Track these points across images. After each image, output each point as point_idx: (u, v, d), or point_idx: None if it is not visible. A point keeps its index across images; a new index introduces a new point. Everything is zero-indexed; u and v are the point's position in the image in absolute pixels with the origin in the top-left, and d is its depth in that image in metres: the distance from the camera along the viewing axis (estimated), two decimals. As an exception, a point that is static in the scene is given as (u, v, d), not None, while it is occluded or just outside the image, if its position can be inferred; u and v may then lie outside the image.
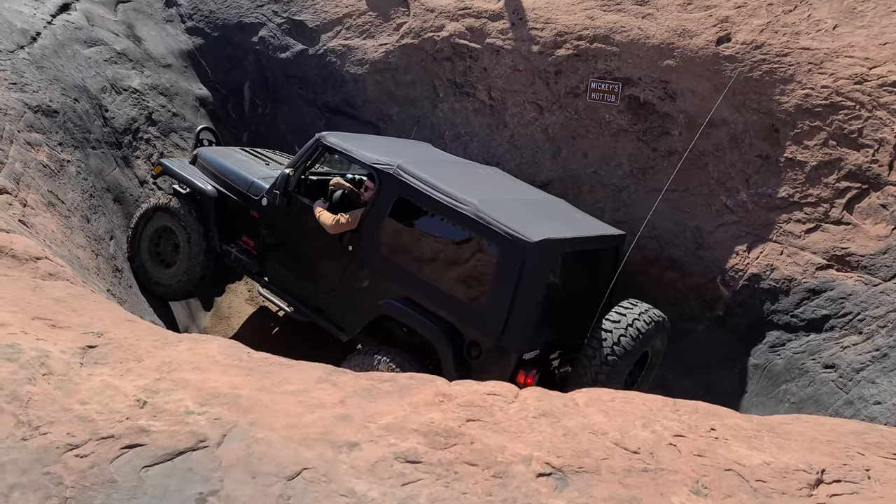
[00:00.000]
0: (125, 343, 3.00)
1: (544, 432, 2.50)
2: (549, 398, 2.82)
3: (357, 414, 2.53)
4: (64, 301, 3.42)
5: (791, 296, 6.20)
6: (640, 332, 5.10)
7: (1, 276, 3.49)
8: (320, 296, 5.85)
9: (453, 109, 7.89)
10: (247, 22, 9.14)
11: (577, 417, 2.64)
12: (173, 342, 3.11)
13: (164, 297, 6.79)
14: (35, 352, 2.74)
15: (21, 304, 3.18)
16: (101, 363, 2.82)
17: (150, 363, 2.82)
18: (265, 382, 2.76)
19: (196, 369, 2.79)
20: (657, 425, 2.61)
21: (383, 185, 5.49)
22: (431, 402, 2.66)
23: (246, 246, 6.33)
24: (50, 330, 3.01)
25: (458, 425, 2.49)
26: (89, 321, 3.22)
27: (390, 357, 5.25)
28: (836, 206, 6.21)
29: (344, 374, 3.02)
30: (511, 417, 2.60)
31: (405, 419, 2.50)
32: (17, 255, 3.74)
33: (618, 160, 7.26)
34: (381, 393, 2.75)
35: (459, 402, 2.68)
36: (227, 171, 6.50)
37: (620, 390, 3.04)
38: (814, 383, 5.79)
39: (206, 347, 3.06)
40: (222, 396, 2.57)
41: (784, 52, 6.62)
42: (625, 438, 2.51)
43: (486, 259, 5.08)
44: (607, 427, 2.59)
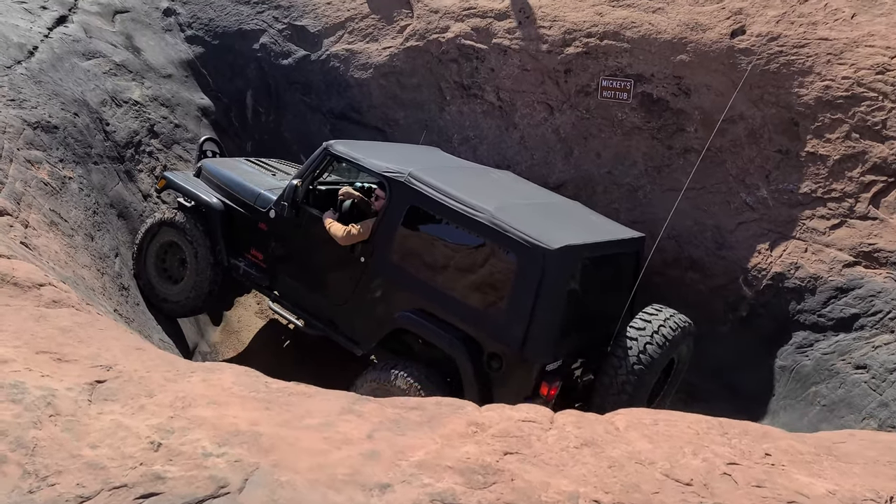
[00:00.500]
0: (135, 376, 2.84)
1: (588, 464, 2.33)
2: (589, 423, 2.65)
3: (386, 450, 2.36)
4: (70, 331, 3.26)
5: (818, 295, 6.01)
6: (666, 339, 4.92)
7: (3, 306, 3.33)
8: (333, 309, 5.69)
9: (461, 112, 7.72)
10: (247, 29, 8.97)
11: (620, 445, 2.47)
12: (186, 373, 2.95)
13: (173, 314, 6.64)
14: (40, 391, 2.58)
15: (24, 336, 3.02)
16: (111, 400, 2.65)
17: (163, 398, 2.65)
18: (286, 416, 2.59)
19: (212, 404, 2.62)
20: (707, 452, 2.43)
21: (395, 194, 5.32)
22: (464, 434, 2.49)
23: (254, 259, 6.16)
24: (55, 365, 2.84)
25: (496, 460, 2.31)
26: (97, 352, 3.06)
27: (408, 371, 5.08)
28: (861, 201, 6.02)
29: (368, 402, 2.85)
30: (551, 448, 2.43)
31: (438, 454, 2.32)
32: (19, 282, 3.58)
33: (632, 159, 7.08)
34: (409, 424, 2.58)
35: (494, 432, 2.51)
36: (232, 183, 6.34)
37: (662, 411, 2.86)
38: (845, 385, 5.61)
39: (220, 378, 2.89)
40: (241, 435, 2.41)
41: (801, 44, 6.43)
42: (675, 468, 2.33)
43: (505, 267, 4.91)
44: (654, 455, 2.41)
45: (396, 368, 5.12)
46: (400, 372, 5.08)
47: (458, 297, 5.06)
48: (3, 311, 3.25)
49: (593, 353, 5.25)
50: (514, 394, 4.87)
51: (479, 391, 4.94)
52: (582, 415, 2.80)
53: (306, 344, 7.49)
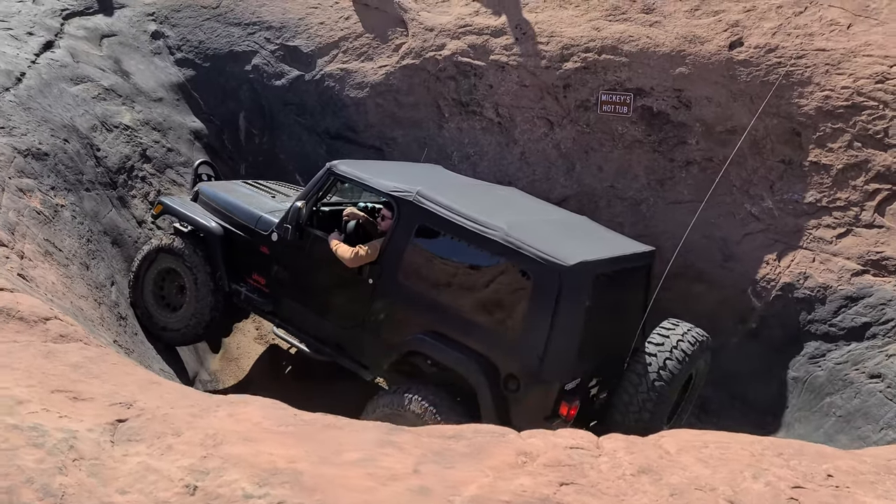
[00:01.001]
0: (158, 413, 2.70)
1: (648, 493, 2.22)
2: (639, 448, 2.54)
3: (436, 485, 2.24)
4: (81, 367, 3.11)
5: (827, 304, 5.98)
6: (685, 354, 4.84)
7: (10, 342, 3.18)
8: (340, 333, 5.55)
9: (460, 129, 7.65)
10: (238, 50, 8.87)
11: (677, 471, 2.37)
12: (210, 408, 2.81)
13: (173, 343, 6.47)
14: (61, 433, 2.44)
15: (37, 374, 2.87)
16: (136, 440, 2.51)
17: (192, 436, 2.51)
18: (323, 452, 2.47)
19: (245, 440, 2.49)
20: (768, 475, 2.33)
21: (403, 214, 5.22)
22: (514, 464, 2.38)
23: (256, 284, 6.02)
24: (72, 404, 2.70)
25: (553, 492, 2.20)
26: (113, 388, 2.91)
27: (422, 395, 4.95)
28: (866, 210, 6.01)
29: (404, 432, 2.73)
30: (607, 477, 2.32)
31: (492, 488, 2.21)
32: (24, 317, 3.43)
33: (634, 173, 7.04)
34: (454, 455, 2.46)
35: (545, 461, 2.40)
36: (232, 207, 6.21)
37: (709, 432, 2.77)
38: (860, 395, 5.56)
39: (247, 412, 2.76)
40: (281, 473, 2.28)
41: (799, 55, 6.44)
42: (738, 494, 2.23)
43: (519, 285, 4.81)
44: (714, 481, 2.31)
45: (410, 392, 4.99)
46: (414, 396, 4.95)
47: (472, 317, 4.95)
48: (11, 348, 3.10)
49: (609, 371, 5.16)
50: (533, 415, 4.77)
51: (497, 413, 4.82)
52: (629, 439, 2.70)
53: (308, 369, 7.34)
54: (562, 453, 2.48)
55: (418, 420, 4.86)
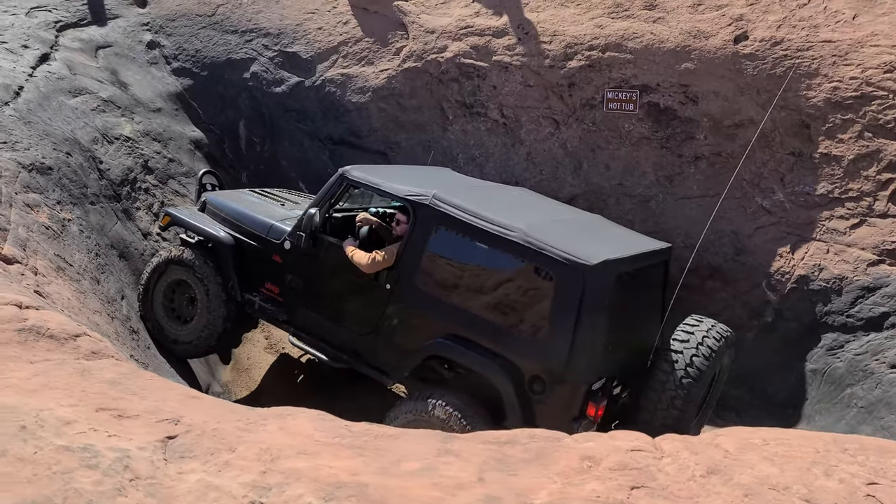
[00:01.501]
0: (207, 429, 2.64)
1: (722, 494, 2.19)
2: (701, 448, 2.51)
3: (504, 493, 2.19)
4: (118, 383, 3.04)
5: (844, 295, 5.98)
6: (712, 350, 4.81)
7: (43, 361, 3.11)
8: (358, 340, 5.49)
9: (465, 131, 7.61)
10: (236, 58, 8.79)
11: (745, 471, 2.33)
12: (258, 421, 2.75)
13: (185, 355, 6.38)
14: (113, 452, 2.37)
15: (77, 393, 2.80)
16: (189, 457, 2.45)
17: (246, 451, 2.46)
18: (382, 463, 2.41)
19: (302, 454, 2.43)
20: (839, 472, 2.30)
21: (419, 217, 5.17)
22: (580, 469, 2.34)
23: (270, 293, 5.94)
24: (118, 422, 2.63)
25: (626, 496, 2.16)
26: (155, 405, 2.85)
27: (445, 400, 4.90)
28: (879, 199, 6.02)
29: (458, 440, 2.68)
30: (676, 479, 2.28)
31: (564, 495, 2.17)
32: (54, 334, 3.35)
33: (642, 169, 7.03)
34: (516, 462, 2.42)
35: (610, 465, 2.36)
36: (241, 216, 6.14)
37: (762, 428, 2.74)
38: (881, 385, 5.56)
39: (298, 424, 2.70)
40: (345, 487, 2.22)
41: (805, 47, 6.45)
42: (813, 493, 2.20)
43: (542, 286, 4.77)
44: (785, 479, 2.28)
45: (433, 398, 4.94)
46: (437, 401, 4.90)
47: (494, 319, 4.90)
48: (47, 367, 3.03)
49: (631, 370, 5.13)
50: (560, 416, 4.73)
51: (522, 415, 4.78)
52: (687, 439, 2.66)
53: (321, 377, 7.28)
54: (625, 456, 2.44)
55: (443, 426, 4.81)
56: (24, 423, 2.44)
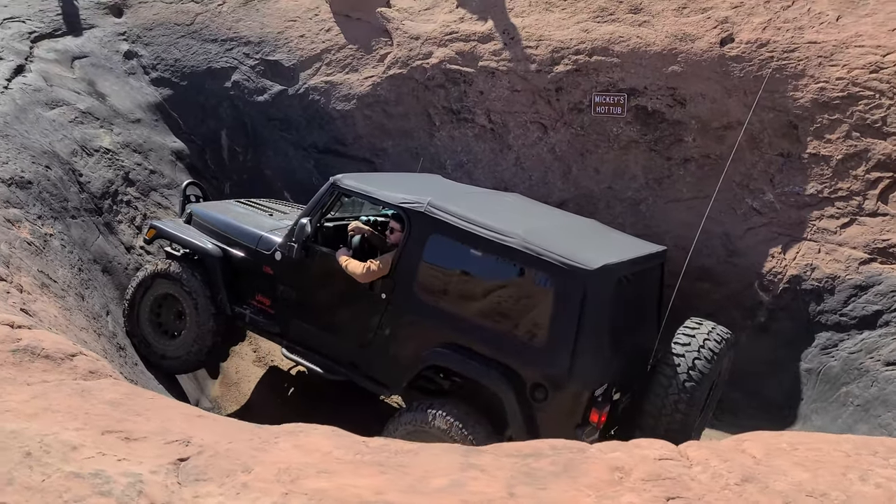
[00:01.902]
0: (219, 449, 2.53)
1: (761, 503, 2.14)
2: (730, 455, 2.46)
3: (539, 509, 2.12)
4: (120, 404, 2.92)
5: (837, 294, 6.01)
6: (713, 353, 4.80)
7: (41, 382, 2.98)
8: (354, 351, 5.40)
9: (452, 137, 7.55)
10: (217, 67, 8.66)
11: (779, 477, 2.29)
12: (270, 440, 2.65)
13: (174, 371, 6.24)
14: (125, 477, 2.26)
15: (80, 416, 2.68)
16: (204, 479, 2.34)
17: (263, 472, 2.36)
18: (407, 480, 2.33)
19: (323, 473, 2.34)
20: (875, 476, 2.27)
21: (414, 225, 5.10)
22: (612, 481, 2.28)
23: (261, 306, 5.83)
24: (126, 445, 2.52)
25: (664, 508, 2.10)
26: (162, 426, 2.74)
27: (446, 410, 4.83)
28: (869, 198, 6.06)
29: (479, 453, 2.61)
30: (711, 488, 2.23)
31: (600, 509, 2.10)
32: (50, 354, 3.22)
33: (631, 173, 7.02)
34: (544, 475, 2.35)
35: (641, 476, 2.30)
36: (229, 228, 6.02)
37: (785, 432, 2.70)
38: (877, 383, 5.58)
39: (313, 441, 2.61)
40: (373, 508, 2.14)
41: (791, 48, 6.49)
42: (851, 499, 2.16)
43: (542, 292, 4.72)
44: (820, 485, 2.24)
45: (433, 408, 4.87)
46: (438, 412, 4.83)
47: (493, 327, 4.85)
48: (45, 389, 2.90)
49: (632, 374, 5.10)
50: (563, 423, 4.68)
51: (525, 424, 4.72)
52: (712, 446, 2.62)
53: (312, 389, 7.15)
54: (655, 466, 2.38)
55: (444, 436, 4.75)
56: (28, 450, 2.33)
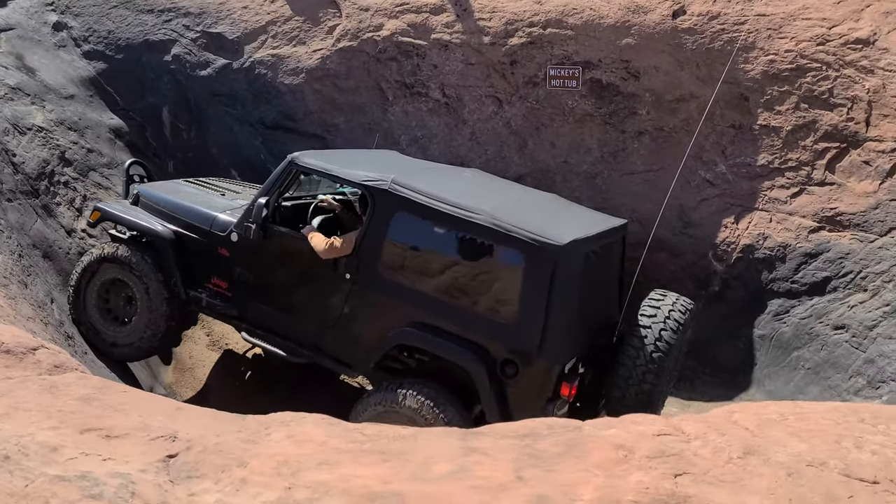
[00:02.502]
0: (208, 443, 2.43)
1: (766, 475, 2.17)
2: (726, 428, 2.49)
3: (551, 492, 2.10)
4: (93, 399, 2.77)
5: (788, 262, 6.19)
6: (679, 323, 4.88)
7: (4, 379, 2.80)
8: (318, 333, 5.28)
9: (406, 112, 7.42)
10: (154, 40, 8.28)
11: (778, 449, 2.33)
12: (261, 431, 2.56)
13: (126, 358, 6.00)
14: (114, 478, 2.15)
15: (53, 414, 2.53)
16: (197, 476, 2.25)
17: (260, 466, 2.27)
18: (410, 467, 2.28)
19: (323, 464, 2.27)
20: (868, 444, 2.33)
21: (378, 203, 4.99)
22: (618, 460, 2.27)
23: (218, 289, 5.64)
24: (108, 443, 2.39)
25: (674, 486, 2.11)
26: (142, 421, 2.61)
27: (416, 389, 4.78)
28: (817, 168, 6.24)
29: (477, 436, 2.57)
30: (715, 463, 2.25)
31: (612, 489, 2.09)
32: (10, 349, 3.03)
33: (587, 146, 7.05)
34: (550, 456, 2.33)
35: (645, 453, 2.31)
36: (181, 209, 5.78)
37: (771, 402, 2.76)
38: (827, 346, 5.79)
39: (307, 431, 2.53)
40: (382, 498, 2.08)
41: (741, 21, 6.59)
42: (850, 467, 2.21)
43: (511, 269, 4.70)
44: (818, 455, 2.29)
45: (403, 388, 4.82)
46: (408, 391, 4.78)
47: (461, 304, 4.81)
48: (10, 387, 2.73)
49: (599, 347, 5.15)
50: (533, 398, 4.71)
51: (496, 400, 4.72)
52: (705, 419, 2.65)
53: (269, 371, 7.00)
54: (656, 442, 2.39)
55: (415, 415, 4.72)
56: (6, 453, 2.18)
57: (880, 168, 5.95)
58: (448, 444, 2.48)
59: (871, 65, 6.08)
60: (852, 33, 6.17)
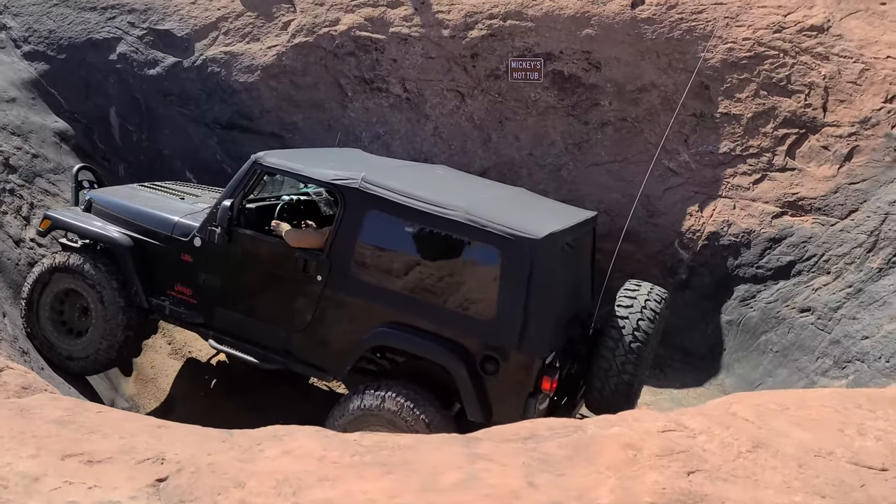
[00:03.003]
0: (200, 464, 2.30)
1: (778, 468, 2.15)
2: (729, 421, 2.48)
3: (566, 498, 2.05)
4: (69, 422, 2.61)
5: (753, 248, 6.27)
6: (655, 313, 4.89)
7: (-31, 405, 2.62)
8: (290, 337, 5.14)
9: (366, 108, 7.29)
10: (98, 38, 7.96)
11: (784, 440, 2.32)
12: (253, 447, 2.44)
13: (83, 372, 5.76)
14: (105, 510, 2.01)
15: (29, 440, 2.37)
16: (191, 500, 2.12)
17: (259, 486, 2.16)
18: (417, 479, 2.20)
19: (325, 480, 2.17)
20: (871, 430, 2.34)
21: (349, 202, 4.88)
22: (628, 460, 2.23)
23: (182, 296, 5.44)
24: (91, 470, 2.25)
25: (689, 485, 2.08)
26: (124, 442, 2.47)
27: (395, 391, 4.69)
28: (778, 154, 6.34)
29: (480, 441, 2.51)
30: (726, 458, 2.23)
31: (627, 490, 2.05)
32: (-27, 372, 2.84)
33: (551, 139, 7.03)
34: (558, 460, 2.28)
35: (654, 452, 2.27)
36: (139, 215, 5.56)
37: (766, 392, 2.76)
38: (793, 329, 5.90)
39: (302, 445, 2.42)
40: (396, 515, 2.00)
41: (699, 10, 6.64)
42: (857, 455, 2.21)
43: (487, 264, 4.64)
44: (823, 444, 2.29)
45: (381, 390, 4.72)
46: (387, 393, 4.68)
47: (438, 302, 4.73)
48: (-23, 413, 2.55)
49: (574, 339, 5.14)
50: (515, 394, 4.66)
51: (477, 397, 4.67)
52: (702, 411, 2.63)
53: (234, 378, 6.81)
54: (663, 439, 2.36)
55: (395, 418, 4.63)
56: (-16, 488, 2.02)
57: (838, 153, 6.08)
58: (452, 451, 2.40)
59: (825, 51, 6.19)
60: (807, 20, 6.28)
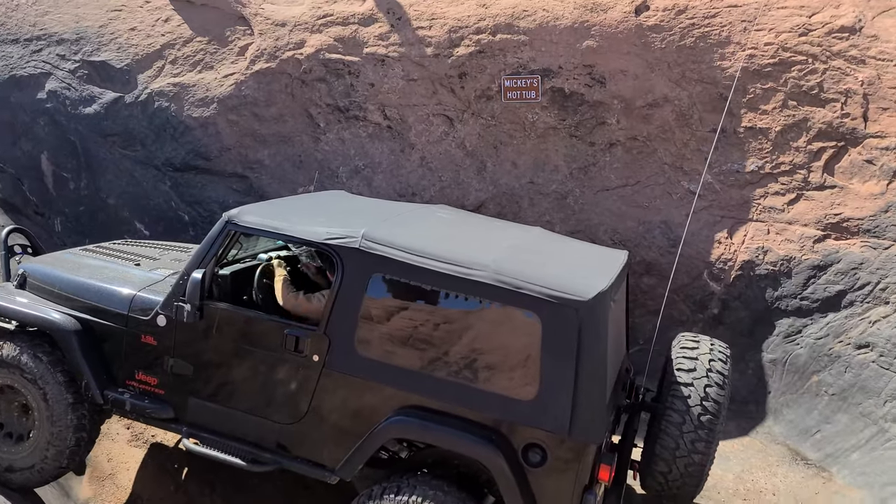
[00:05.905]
0: None
1: None
2: None
3: None
4: None
5: (794, 277, 5.59)
6: (723, 375, 4.12)
7: None
8: (283, 430, 4.23)
9: (342, 139, 6.40)
10: (23, 74, 6.91)
11: None
12: None
13: (28, 485, 4.73)
14: None
15: None
16: None
17: None
18: None
19: None
20: None
21: (348, 266, 4.00)
22: None
23: (145, 387, 4.47)
24: None
25: None
26: None
27: (420, 493, 3.84)
28: (814, 171, 5.68)
29: None
30: None
31: None
32: None
33: (553, 163, 6.26)
34: None
35: None
36: (85, 290, 4.58)
37: None
38: (851, 368, 5.22)
39: None
40: None
41: (712, 14, 5.97)
42: None
43: (527, 333, 3.80)
44: None
45: (403, 494, 3.86)
46: (412, 497, 3.82)
47: (464, 381, 3.89)
48: None
49: (619, 404, 4.35)
50: (567, 487, 3.83)
51: (521, 494, 3.83)
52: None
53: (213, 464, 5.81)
54: None
55: (421, 522, 3.77)
56: None
57: (886, 167, 5.46)
58: None
59: (861, 54, 5.59)
60: (835, 21, 5.66)
